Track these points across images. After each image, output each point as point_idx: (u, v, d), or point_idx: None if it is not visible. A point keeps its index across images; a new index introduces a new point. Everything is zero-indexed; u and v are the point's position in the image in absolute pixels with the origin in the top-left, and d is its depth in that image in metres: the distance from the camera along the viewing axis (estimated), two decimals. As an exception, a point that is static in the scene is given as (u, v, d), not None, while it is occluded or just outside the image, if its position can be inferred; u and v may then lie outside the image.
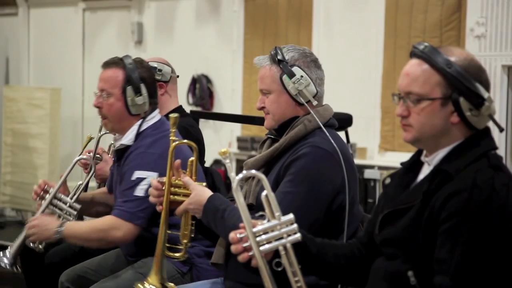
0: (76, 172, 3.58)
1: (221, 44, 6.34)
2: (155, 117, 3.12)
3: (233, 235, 2.05)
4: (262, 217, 2.04)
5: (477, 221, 1.90)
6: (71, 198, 3.24)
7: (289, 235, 2.01)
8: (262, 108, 2.70)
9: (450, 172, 1.99)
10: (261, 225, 2.01)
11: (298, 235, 2.01)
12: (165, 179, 2.59)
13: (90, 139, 3.54)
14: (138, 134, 3.08)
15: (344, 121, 5.08)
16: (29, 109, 7.04)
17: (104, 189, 3.52)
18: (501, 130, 2.13)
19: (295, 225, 2.02)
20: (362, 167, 5.41)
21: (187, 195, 2.56)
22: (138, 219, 2.93)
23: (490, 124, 2.06)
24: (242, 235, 2.03)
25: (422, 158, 2.13)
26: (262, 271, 1.99)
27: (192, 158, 2.58)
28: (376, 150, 5.66)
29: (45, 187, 3.29)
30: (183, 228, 2.63)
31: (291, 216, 2.02)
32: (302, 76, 2.63)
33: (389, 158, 5.58)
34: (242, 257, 2.03)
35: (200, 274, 3.15)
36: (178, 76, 3.74)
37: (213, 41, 6.42)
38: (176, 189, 2.61)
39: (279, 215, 2.01)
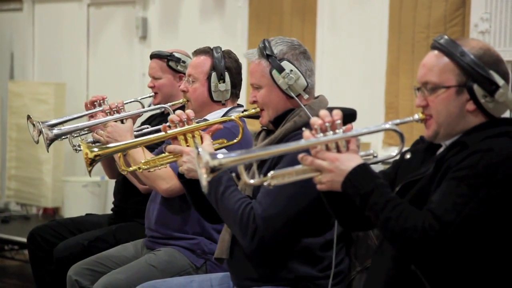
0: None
1: (226, 40, 6.35)
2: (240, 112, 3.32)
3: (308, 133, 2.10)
4: None
5: (480, 180, 1.94)
6: None
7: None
8: (254, 102, 2.72)
9: (467, 143, 2.02)
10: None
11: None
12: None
13: None
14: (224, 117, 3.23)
15: (348, 116, 5.06)
16: (34, 104, 7.06)
17: None
18: None
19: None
20: (366, 162, 5.41)
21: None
22: None
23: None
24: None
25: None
26: None
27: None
28: (380, 145, 5.66)
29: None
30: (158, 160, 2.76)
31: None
32: (291, 70, 2.62)
33: (392, 153, 5.58)
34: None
35: (214, 270, 3.18)
36: None
37: (218, 36, 6.43)
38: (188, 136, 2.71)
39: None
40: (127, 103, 3.66)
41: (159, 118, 3.84)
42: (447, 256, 1.94)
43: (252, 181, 2.08)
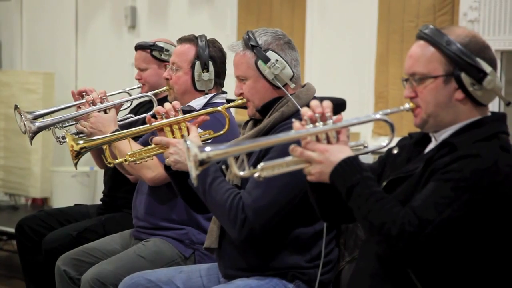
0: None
1: (215, 30, 6.32)
2: (224, 99, 3.31)
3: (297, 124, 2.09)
4: None
5: (465, 184, 1.93)
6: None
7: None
8: (241, 95, 2.71)
9: (456, 145, 2.02)
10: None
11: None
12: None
13: None
14: (207, 104, 3.22)
15: (338, 105, 5.09)
16: (23, 94, 7.02)
17: None
18: (507, 104, 2.16)
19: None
20: (355, 152, 5.40)
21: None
22: None
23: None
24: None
25: (430, 133, 2.16)
26: None
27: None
28: (369, 135, 5.66)
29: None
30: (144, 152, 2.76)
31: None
32: (277, 60, 2.62)
33: (382, 143, 5.58)
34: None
35: (203, 260, 3.18)
36: None
37: (207, 26, 6.41)
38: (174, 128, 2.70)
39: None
40: (114, 94, 3.64)
41: (147, 105, 3.82)
42: (424, 254, 1.94)
43: (242, 173, 2.07)
